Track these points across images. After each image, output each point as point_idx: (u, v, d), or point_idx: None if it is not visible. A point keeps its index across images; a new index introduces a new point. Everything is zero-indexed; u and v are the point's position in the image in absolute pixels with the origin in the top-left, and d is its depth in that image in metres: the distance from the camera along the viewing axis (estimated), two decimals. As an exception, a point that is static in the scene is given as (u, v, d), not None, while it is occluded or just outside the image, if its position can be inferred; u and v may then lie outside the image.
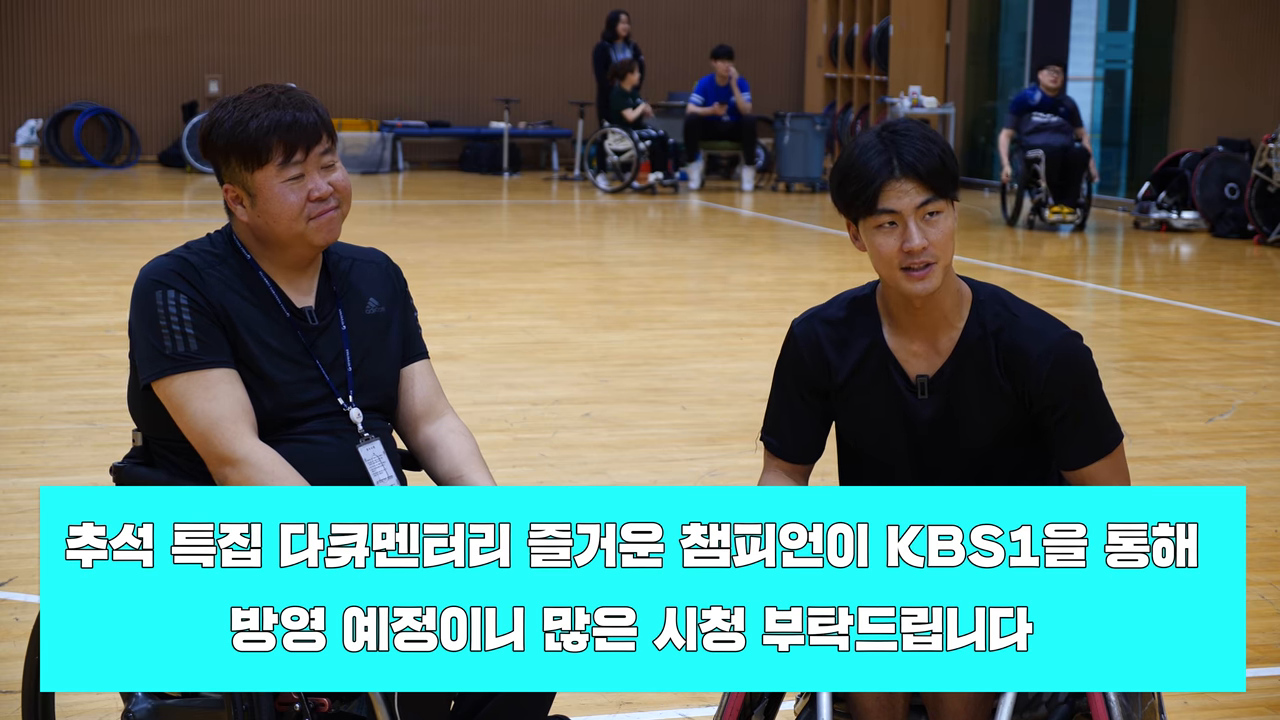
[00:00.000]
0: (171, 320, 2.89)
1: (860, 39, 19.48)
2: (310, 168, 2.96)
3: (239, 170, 2.95)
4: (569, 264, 11.92)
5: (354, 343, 3.04)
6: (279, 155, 2.93)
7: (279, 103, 2.96)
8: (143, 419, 3.02)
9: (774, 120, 18.08)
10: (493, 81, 19.42)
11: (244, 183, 2.96)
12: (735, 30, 19.84)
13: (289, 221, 2.95)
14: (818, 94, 20.13)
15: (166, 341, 2.88)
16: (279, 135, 2.93)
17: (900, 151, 2.78)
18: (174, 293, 2.91)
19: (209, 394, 2.86)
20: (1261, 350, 8.81)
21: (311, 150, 2.95)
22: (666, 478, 5.91)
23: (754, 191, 17.45)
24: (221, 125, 2.94)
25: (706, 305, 10.12)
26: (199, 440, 2.87)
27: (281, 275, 3.02)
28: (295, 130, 2.94)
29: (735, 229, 14.58)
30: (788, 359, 2.98)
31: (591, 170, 17.52)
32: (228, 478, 2.86)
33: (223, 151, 2.95)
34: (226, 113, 2.95)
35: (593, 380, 7.63)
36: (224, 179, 2.99)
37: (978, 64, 18.77)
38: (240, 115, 2.94)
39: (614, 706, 3.91)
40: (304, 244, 2.99)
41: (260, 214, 2.96)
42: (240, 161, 2.94)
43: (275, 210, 2.94)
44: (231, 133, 2.93)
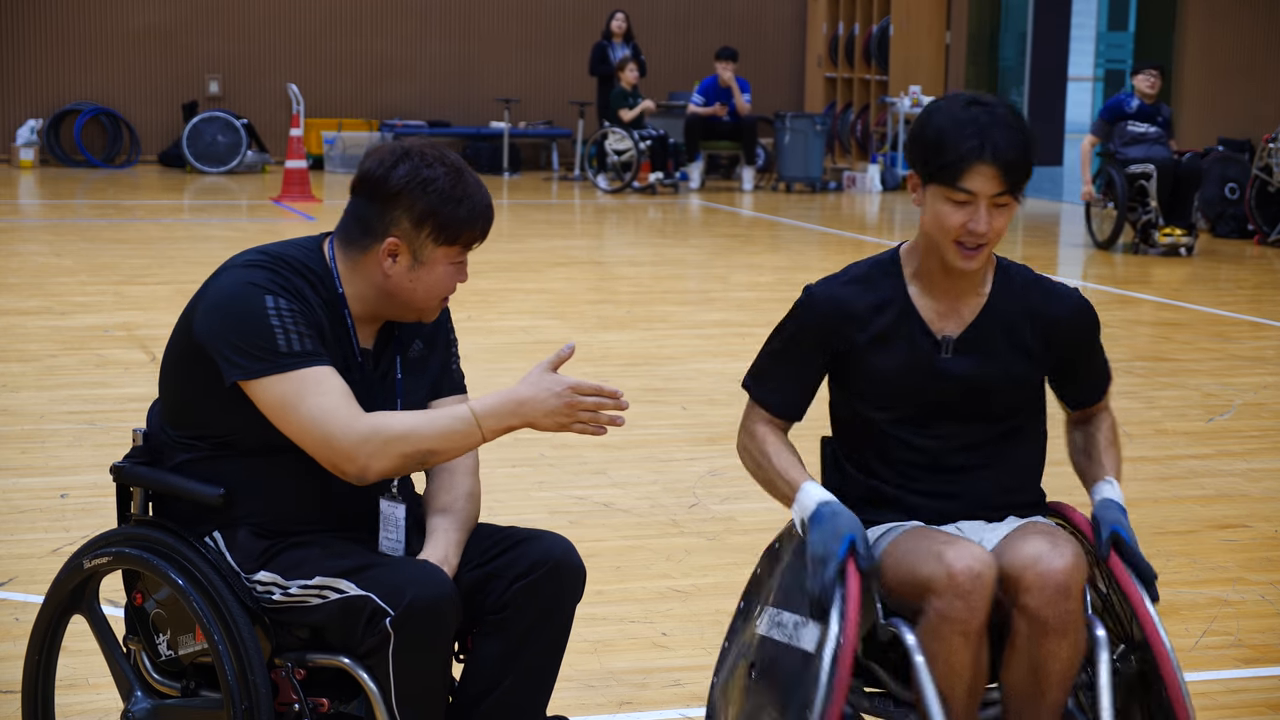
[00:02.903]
0: (285, 320, 2.85)
1: (860, 39, 19.48)
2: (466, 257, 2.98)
3: (425, 236, 2.90)
4: (569, 264, 11.91)
5: (405, 391, 3.04)
6: (469, 242, 2.94)
7: (481, 187, 2.95)
8: (188, 417, 2.96)
9: (774, 120, 18.07)
10: (493, 81, 19.41)
11: (418, 248, 2.91)
12: (736, 30, 19.83)
13: (431, 298, 2.95)
14: (818, 94, 20.13)
15: (280, 340, 2.83)
16: (481, 226, 2.94)
17: (996, 139, 2.88)
18: (285, 300, 2.87)
19: (320, 388, 2.83)
20: (1261, 350, 8.81)
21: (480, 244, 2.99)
22: (666, 478, 5.92)
23: (754, 191, 17.45)
24: (435, 185, 2.88)
25: (706, 305, 10.12)
26: (315, 432, 2.81)
27: (362, 316, 2.99)
28: (489, 225, 2.96)
29: (735, 229, 14.57)
30: (802, 320, 3.05)
31: (592, 170, 17.51)
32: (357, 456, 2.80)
33: (421, 212, 2.89)
34: (437, 174, 2.90)
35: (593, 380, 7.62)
36: (392, 231, 2.91)
37: (978, 64, 18.77)
38: (457, 189, 2.90)
39: (614, 706, 3.91)
40: (413, 315, 2.99)
41: (413, 280, 2.92)
42: (435, 231, 2.90)
43: (430, 285, 2.93)
44: (444, 201, 2.89)
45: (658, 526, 5.36)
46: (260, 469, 2.94)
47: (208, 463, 2.96)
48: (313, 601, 2.86)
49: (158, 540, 2.94)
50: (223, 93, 18.86)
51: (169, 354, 3.01)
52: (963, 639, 2.81)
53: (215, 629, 2.83)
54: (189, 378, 2.94)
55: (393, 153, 2.92)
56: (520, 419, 2.83)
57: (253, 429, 2.90)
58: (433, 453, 2.84)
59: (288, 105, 17.03)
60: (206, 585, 2.86)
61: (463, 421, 2.83)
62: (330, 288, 2.96)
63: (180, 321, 3.00)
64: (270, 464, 2.94)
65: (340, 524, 2.98)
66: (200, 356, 2.90)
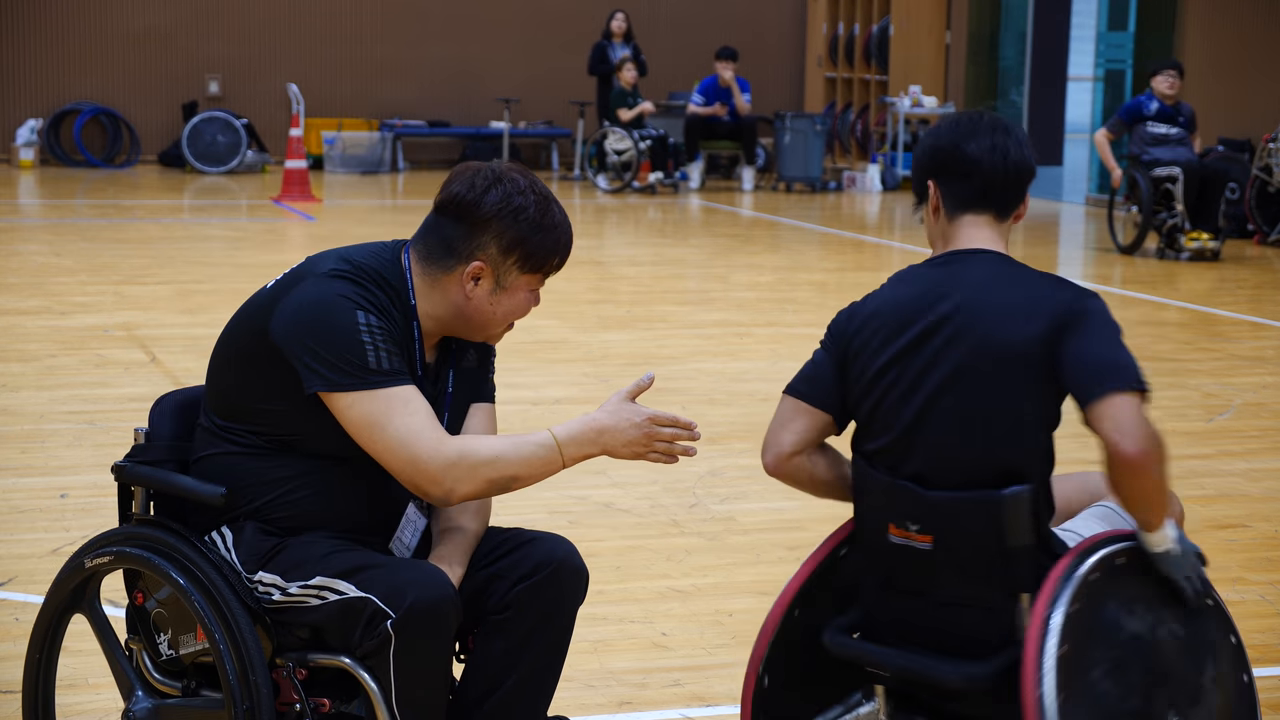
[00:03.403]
0: (376, 337, 2.86)
1: (860, 39, 19.47)
2: None
3: (511, 263, 2.94)
4: (569, 263, 11.73)
5: (452, 405, 3.05)
6: (550, 270, 2.99)
7: (565, 217, 2.99)
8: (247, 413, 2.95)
9: (774, 120, 18.07)
10: (493, 81, 19.41)
11: (504, 273, 2.94)
12: (735, 30, 19.83)
13: (502, 322, 2.99)
14: (818, 94, 20.12)
15: (370, 357, 2.84)
16: (563, 255, 2.99)
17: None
18: (375, 318, 2.87)
19: (408, 408, 2.84)
20: (1261, 350, 8.81)
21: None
22: (667, 478, 5.92)
23: (754, 191, 17.45)
24: (525, 214, 2.92)
25: (706, 305, 10.12)
26: (402, 454, 2.83)
27: (429, 332, 3.01)
28: (568, 254, 3.01)
29: (735, 229, 14.57)
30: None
31: (591, 170, 17.51)
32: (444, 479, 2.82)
33: (511, 240, 2.92)
34: (529, 203, 2.93)
35: (593, 380, 7.63)
36: (479, 254, 2.93)
37: (978, 64, 18.76)
38: (546, 219, 2.94)
39: (614, 706, 3.91)
40: (481, 336, 3.02)
41: (493, 304, 2.95)
42: (522, 259, 2.94)
43: (509, 310, 2.97)
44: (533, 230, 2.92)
45: (658, 526, 5.36)
46: (311, 471, 2.95)
47: (252, 457, 2.95)
48: (312, 602, 2.86)
49: (159, 539, 2.94)
50: (223, 93, 18.86)
51: (229, 349, 2.99)
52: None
53: (216, 628, 2.83)
54: (259, 376, 2.93)
55: (484, 177, 2.94)
56: (599, 447, 2.88)
57: (324, 437, 2.91)
58: (516, 479, 2.87)
59: (287, 105, 17.03)
60: (208, 585, 2.87)
61: (546, 448, 2.87)
62: (404, 301, 2.96)
63: (245, 319, 2.98)
64: (323, 468, 2.95)
65: (356, 528, 2.98)
66: (276, 359, 2.89)
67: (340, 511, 2.96)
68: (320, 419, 2.89)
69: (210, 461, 2.99)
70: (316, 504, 2.95)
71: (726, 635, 4.37)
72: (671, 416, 2.89)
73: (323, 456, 2.94)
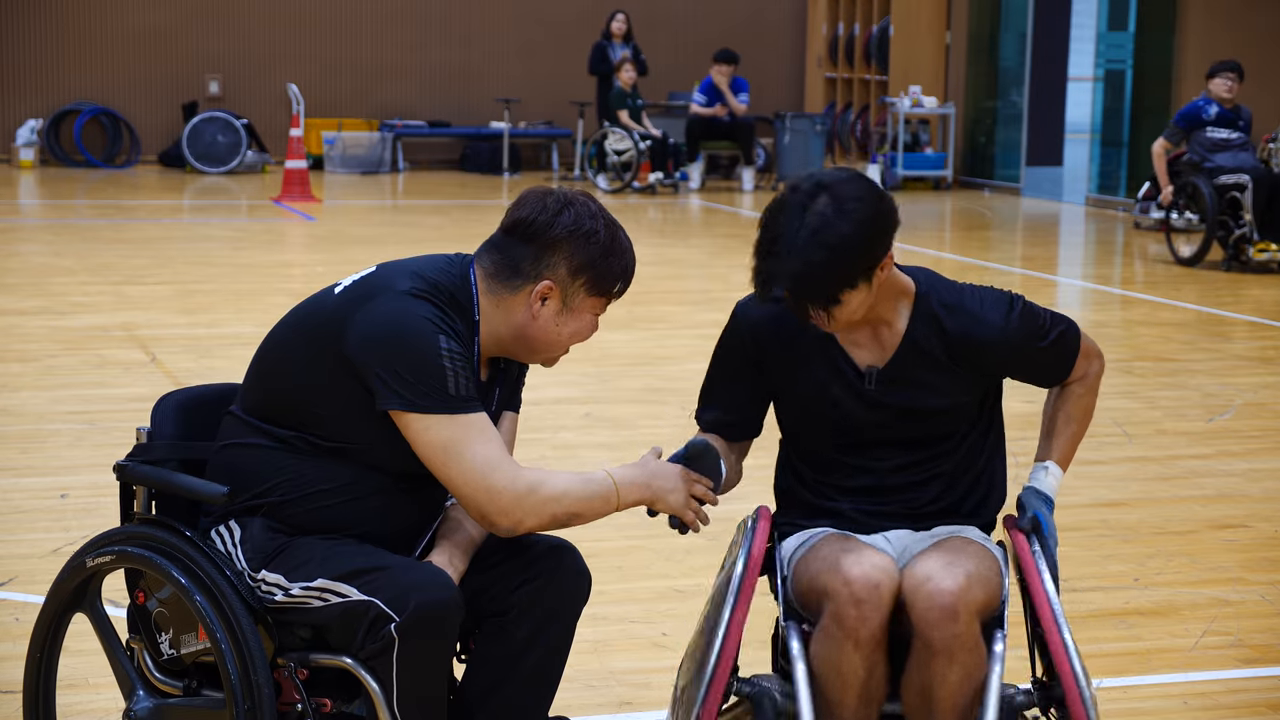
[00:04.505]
0: (456, 363, 2.86)
1: (860, 39, 19.48)
2: None
3: (579, 285, 2.96)
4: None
5: (494, 418, 3.06)
6: (615, 297, 3.02)
7: (629, 244, 3.04)
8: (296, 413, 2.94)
9: (774, 120, 18.08)
10: (493, 81, 19.41)
11: (570, 295, 2.96)
12: (735, 31, 19.83)
13: (566, 344, 3.00)
14: (818, 94, 20.12)
15: (450, 382, 2.84)
16: (626, 283, 3.02)
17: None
18: (455, 344, 2.87)
19: (484, 436, 2.85)
20: (1262, 350, 8.81)
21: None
22: (667, 478, 5.90)
23: (754, 191, 17.45)
24: (596, 239, 2.95)
25: (707, 305, 10.12)
26: (479, 482, 2.83)
27: (487, 349, 3.01)
28: (630, 280, 3.04)
29: (735, 229, 14.57)
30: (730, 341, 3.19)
31: (592, 170, 17.51)
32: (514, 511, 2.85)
33: (580, 263, 2.95)
34: (599, 228, 2.97)
35: (593, 380, 7.63)
36: (547, 275, 2.95)
37: (978, 64, 18.77)
38: (615, 245, 2.98)
39: (614, 706, 3.91)
40: (538, 359, 3.03)
41: (559, 325, 2.97)
42: (591, 282, 2.96)
43: (574, 332, 2.99)
44: (604, 255, 2.96)
45: (658, 527, 5.32)
46: (352, 481, 2.94)
47: (288, 454, 2.94)
48: (314, 603, 2.86)
49: (160, 539, 2.94)
50: (223, 93, 18.86)
51: (290, 353, 2.96)
52: (853, 646, 2.81)
53: (218, 628, 2.83)
54: (324, 384, 2.90)
55: (556, 200, 2.97)
56: (650, 493, 2.98)
57: (383, 450, 2.91)
58: (578, 515, 2.91)
59: (288, 105, 17.03)
60: (209, 584, 2.86)
61: (605, 489, 2.93)
62: (469, 318, 2.96)
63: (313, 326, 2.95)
64: (364, 479, 2.95)
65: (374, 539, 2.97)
66: (348, 370, 2.87)
67: (366, 524, 2.96)
68: (380, 432, 2.88)
69: (237, 451, 2.98)
70: (346, 513, 2.94)
71: (727, 635, 4.36)
72: (707, 484, 3.05)
73: (369, 468, 2.93)
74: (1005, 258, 13.06)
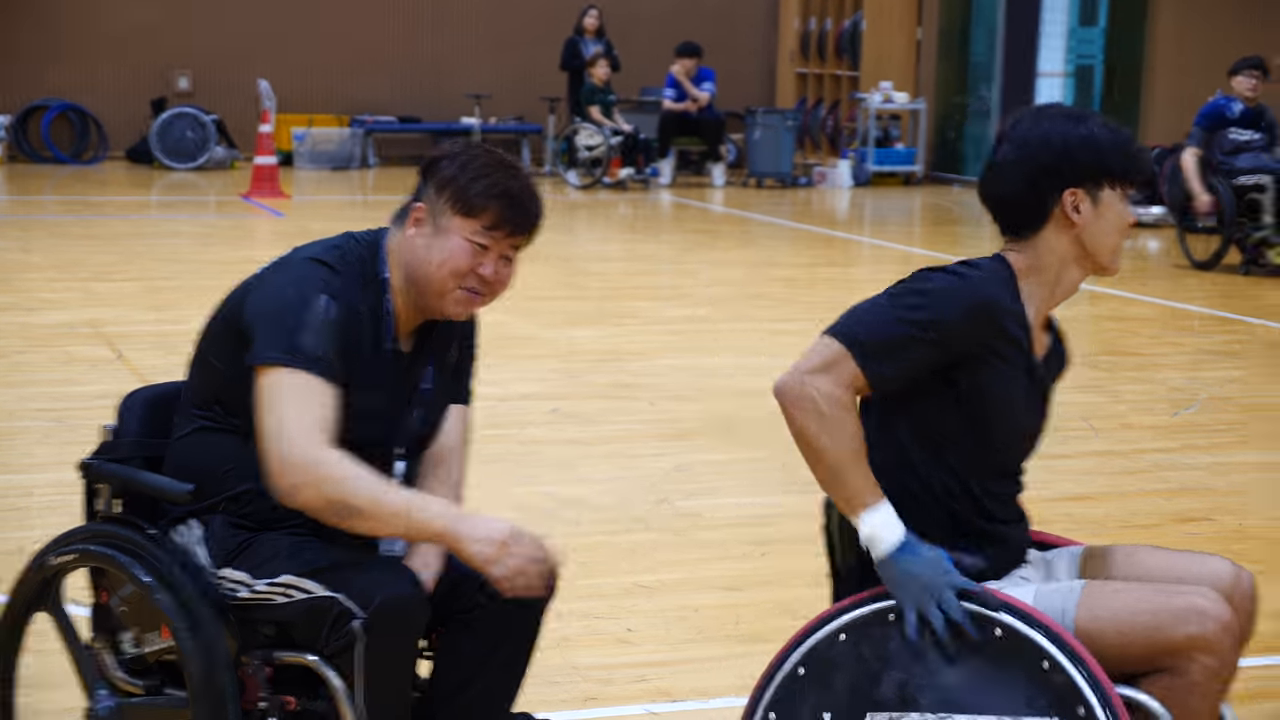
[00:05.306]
0: (327, 323, 2.83)
1: (832, 34, 19.51)
2: (497, 249, 2.96)
3: (445, 203, 2.93)
4: (538, 259, 11.89)
5: (431, 403, 3.05)
6: (486, 220, 2.93)
7: (519, 179, 2.96)
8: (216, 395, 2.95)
9: (745, 116, 18.09)
10: (464, 77, 19.38)
11: (438, 213, 2.93)
12: (707, 26, 19.83)
13: (447, 274, 2.93)
14: (789, 89, 20.15)
15: (306, 337, 2.81)
16: (500, 204, 2.93)
17: None
18: (335, 306, 2.85)
19: (308, 398, 2.78)
20: (1228, 345, 8.85)
21: (512, 235, 2.96)
22: (634, 473, 5.92)
23: (725, 187, 17.46)
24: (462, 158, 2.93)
25: (676, 301, 10.12)
26: (270, 437, 2.76)
27: (403, 311, 2.99)
28: (516, 208, 2.94)
29: (706, 225, 14.58)
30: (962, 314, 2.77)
31: (562, 166, 17.51)
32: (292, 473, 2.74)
33: (442, 181, 2.93)
34: (470, 154, 2.94)
35: (561, 376, 7.64)
36: (422, 198, 2.95)
37: (949, 59, 18.81)
38: (485, 166, 2.93)
39: (579, 702, 3.91)
40: (437, 304, 2.97)
41: (428, 248, 2.93)
42: (451, 199, 2.92)
43: (444, 255, 2.92)
44: (465, 171, 2.92)
45: (624, 522, 5.37)
46: None
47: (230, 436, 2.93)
48: (278, 600, 2.85)
49: (123, 537, 2.93)
50: (192, 89, 18.79)
51: (212, 335, 2.98)
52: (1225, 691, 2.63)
53: (181, 626, 2.82)
54: (231, 358, 2.90)
55: (455, 143, 3.00)
56: (452, 532, 2.73)
57: None
58: (357, 511, 2.75)
59: (257, 101, 16.97)
60: (172, 582, 2.85)
61: (400, 502, 2.75)
62: (377, 280, 2.96)
63: (227, 304, 2.97)
64: None
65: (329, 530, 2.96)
66: (246, 337, 2.87)
67: None
68: None
69: (185, 443, 2.99)
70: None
71: (692, 631, 4.38)
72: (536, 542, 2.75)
73: None
74: (975, 253, 13.02)
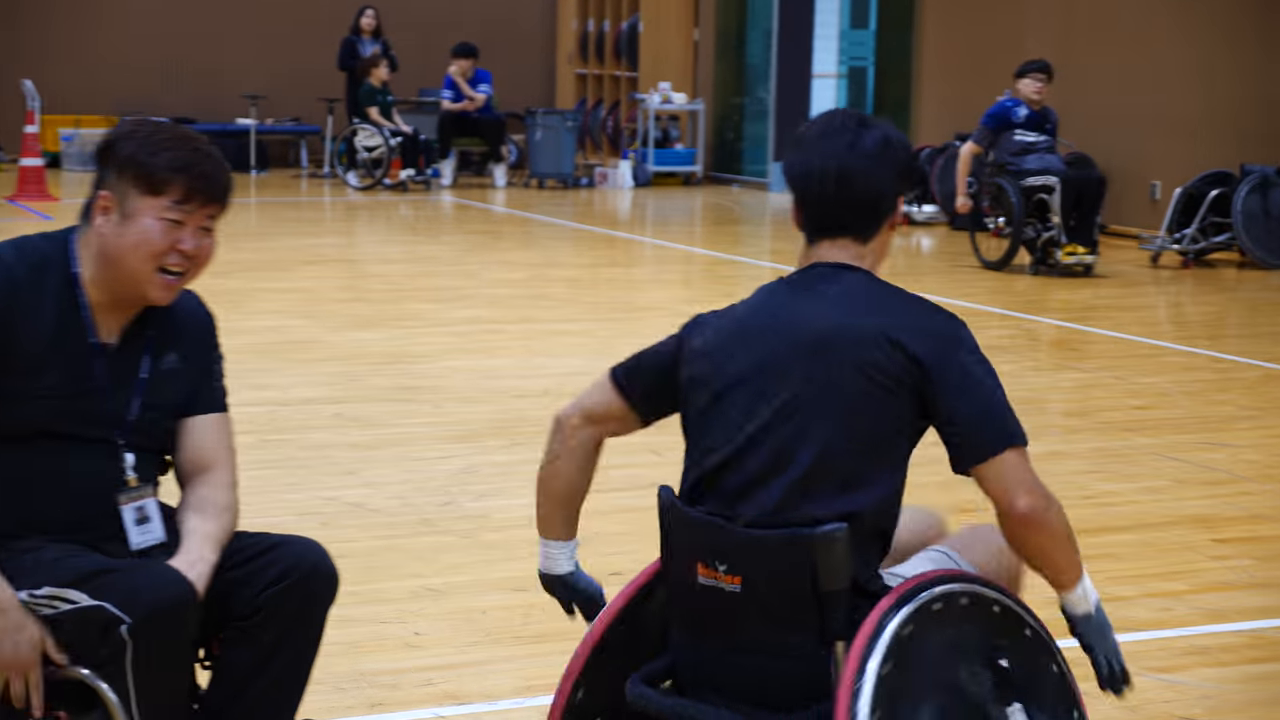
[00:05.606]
0: None
1: (610, 35, 19.60)
2: (192, 222, 2.90)
3: (127, 184, 2.87)
4: (319, 262, 11.76)
5: (148, 391, 2.97)
6: (175, 194, 2.87)
7: (199, 149, 2.90)
8: None
9: (525, 117, 18.09)
10: (238, 77, 19.03)
11: (124, 198, 2.87)
12: (485, 27, 19.77)
13: (144, 258, 2.87)
14: (569, 90, 20.20)
15: None
16: (184, 176, 2.87)
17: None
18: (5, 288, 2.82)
19: None
20: (999, 339, 9.09)
21: (204, 206, 2.90)
22: (419, 476, 5.88)
23: (506, 188, 17.44)
24: (138, 135, 2.87)
25: (459, 302, 10.08)
26: None
27: (101, 304, 2.92)
28: (201, 179, 2.88)
29: (488, 225, 14.55)
30: None
31: (342, 167, 17.31)
32: None
33: (122, 162, 2.87)
34: (146, 130, 2.89)
35: (343, 379, 7.55)
36: (105, 185, 2.89)
37: (726, 60, 19.03)
38: (163, 140, 2.88)
39: (366, 708, 3.87)
40: (140, 290, 2.91)
41: (120, 235, 2.87)
42: (135, 180, 2.86)
43: (137, 239, 2.87)
44: (143, 147, 2.86)
45: (410, 526, 5.32)
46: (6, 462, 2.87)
47: None
48: (44, 612, 2.77)
49: None
50: (-48, 88, 18.18)
51: None
52: None
53: None
54: None
55: (125, 121, 2.96)
56: None
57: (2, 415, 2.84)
58: None
59: (22, 102, 16.46)
60: None
61: None
62: (65, 272, 2.90)
63: None
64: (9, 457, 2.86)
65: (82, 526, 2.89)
66: None
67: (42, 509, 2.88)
68: None
69: None
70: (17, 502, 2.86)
71: (480, 633, 4.36)
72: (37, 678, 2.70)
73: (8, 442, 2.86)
74: (755, 252, 13.27)
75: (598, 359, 8.24)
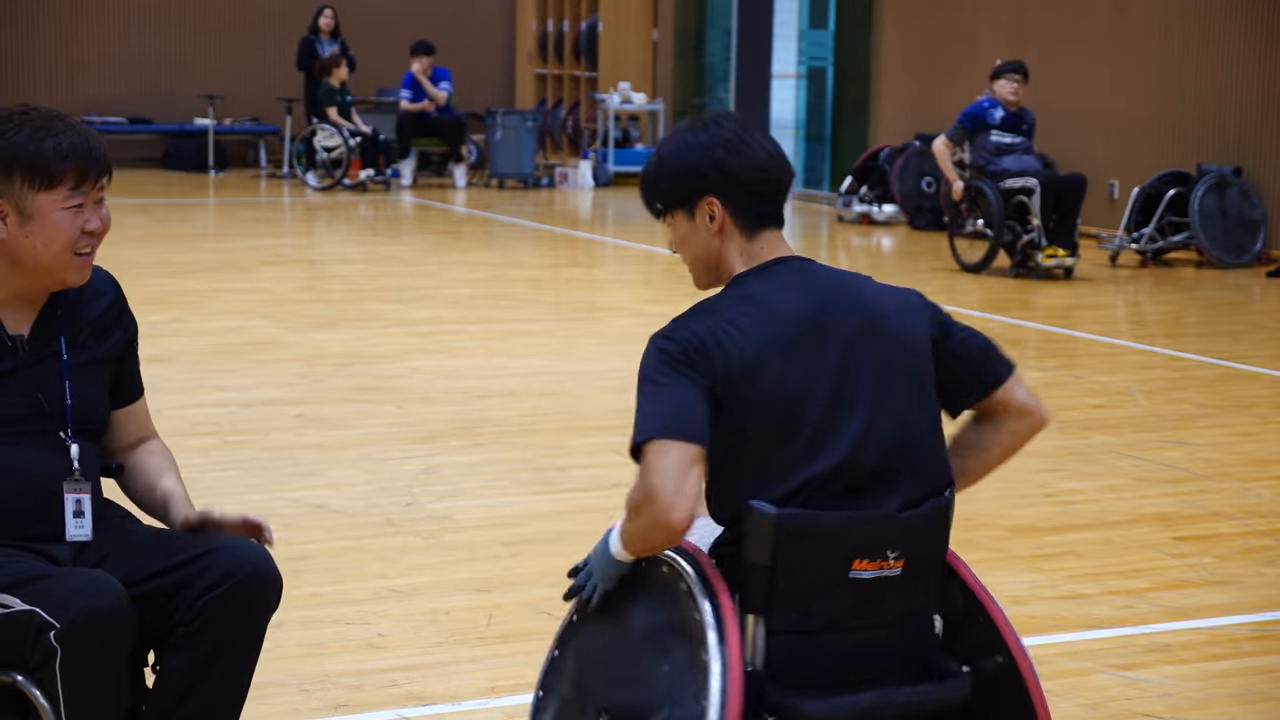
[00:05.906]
0: None
1: (570, 36, 19.60)
2: (89, 200, 2.88)
3: (22, 187, 2.83)
4: (279, 263, 11.71)
5: (73, 374, 2.96)
6: (70, 181, 2.84)
7: (73, 127, 2.86)
8: None
9: (485, 117, 18.07)
10: (196, 77, 18.95)
11: (20, 201, 2.83)
12: (444, 26, 19.74)
13: (59, 251, 2.86)
14: (529, 90, 20.18)
15: None
16: (75, 161, 2.84)
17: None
18: None
19: None
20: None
21: (97, 182, 2.88)
22: (381, 476, 5.86)
23: (467, 188, 17.41)
24: (14, 134, 2.82)
25: (419, 303, 10.06)
26: None
27: (6, 300, 2.90)
28: (90, 159, 2.85)
29: (448, 225, 14.52)
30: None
31: (301, 167, 17.25)
32: None
33: (7, 164, 2.82)
34: (13, 127, 2.83)
35: (305, 380, 7.52)
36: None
37: (685, 61, 19.05)
38: (39, 132, 2.83)
39: (330, 710, 3.86)
40: (57, 278, 2.90)
41: (28, 237, 2.84)
42: (26, 179, 2.82)
43: (48, 237, 2.84)
44: (24, 144, 2.82)
45: (373, 527, 5.31)
46: None
47: None
48: None
49: None
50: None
51: None
52: None
53: None
54: None
55: None
56: None
57: None
58: None
59: (-22, 101, 16.37)
60: None
61: None
62: None
63: None
64: None
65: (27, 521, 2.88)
66: None
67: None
68: None
69: None
70: None
71: (444, 634, 4.35)
72: None
73: None
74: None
75: (559, 359, 8.25)
